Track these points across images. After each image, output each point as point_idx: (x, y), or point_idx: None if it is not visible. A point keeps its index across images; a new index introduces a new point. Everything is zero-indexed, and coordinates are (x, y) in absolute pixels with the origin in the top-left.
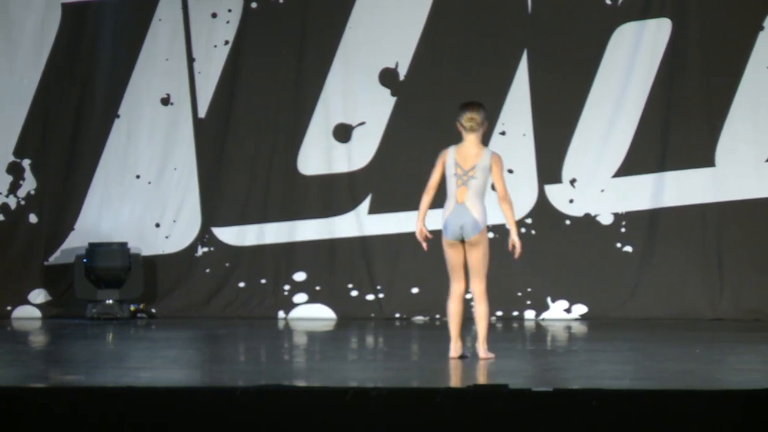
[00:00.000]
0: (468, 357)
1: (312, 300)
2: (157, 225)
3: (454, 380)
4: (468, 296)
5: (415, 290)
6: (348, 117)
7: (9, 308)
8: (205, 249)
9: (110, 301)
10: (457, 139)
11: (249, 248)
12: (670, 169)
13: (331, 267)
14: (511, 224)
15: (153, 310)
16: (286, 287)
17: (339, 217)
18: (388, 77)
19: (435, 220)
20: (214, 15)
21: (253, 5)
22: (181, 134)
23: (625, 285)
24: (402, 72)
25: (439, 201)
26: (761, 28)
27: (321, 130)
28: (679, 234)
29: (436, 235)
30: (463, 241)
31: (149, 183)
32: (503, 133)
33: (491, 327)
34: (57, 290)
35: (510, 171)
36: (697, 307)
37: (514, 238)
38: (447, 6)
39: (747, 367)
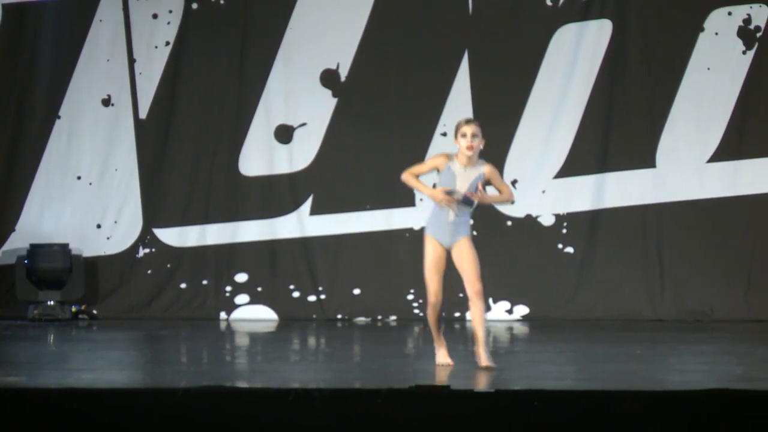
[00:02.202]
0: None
1: (254, 301)
2: (99, 226)
3: (397, 381)
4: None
5: (356, 291)
6: (289, 118)
7: None
8: (147, 250)
9: (51, 303)
10: (396, 139)
11: (190, 249)
12: (611, 170)
13: (272, 268)
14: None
15: (94, 312)
16: (228, 288)
17: (280, 218)
18: (329, 78)
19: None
20: (154, 16)
21: (194, 6)
22: (122, 135)
23: (567, 286)
24: (343, 73)
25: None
26: (701, 29)
27: (262, 131)
28: (620, 235)
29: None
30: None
31: (90, 184)
32: (444, 134)
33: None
34: None
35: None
36: (638, 307)
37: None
38: (388, 7)
39: (688, 368)
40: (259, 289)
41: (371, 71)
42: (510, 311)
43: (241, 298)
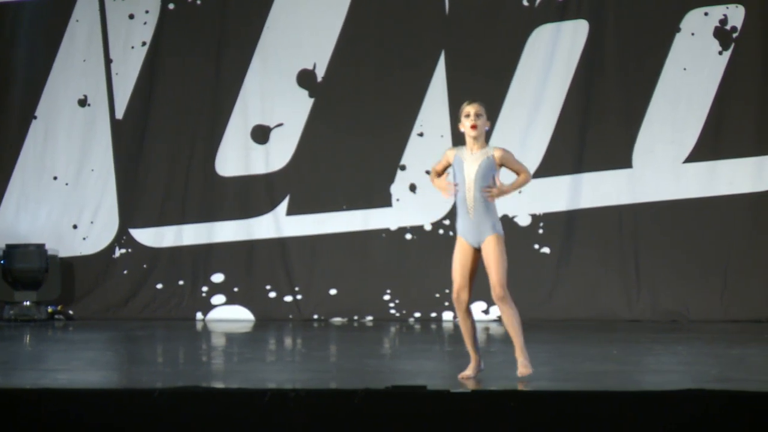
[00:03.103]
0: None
1: (230, 301)
2: (75, 226)
3: (373, 381)
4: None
5: (333, 291)
6: (266, 118)
7: None
8: (123, 250)
9: (27, 303)
10: (372, 139)
11: (167, 250)
12: (587, 171)
13: (249, 268)
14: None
15: (70, 312)
16: (204, 289)
17: (257, 219)
18: (306, 78)
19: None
20: (131, 16)
21: (171, 6)
22: (99, 135)
23: (543, 286)
24: (320, 73)
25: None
26: (678, 29)
27: (239, 131)
28: (597, 235)
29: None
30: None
31: (67, 184)
32: (421, 135)
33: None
34: None
35: (428, 172)
36: (614, 308)
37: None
38: (365, 8)
39: (664, 368)
40: (236, 289)
41: (348, 71)
42: (486, 311)
43: (218, 299)
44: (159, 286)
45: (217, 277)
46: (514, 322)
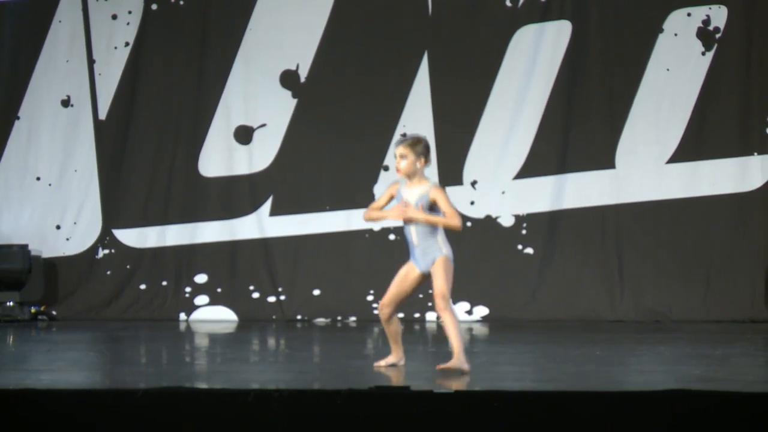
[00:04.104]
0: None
1: (213, 302)
2: (58, 227)
3: (356, 382)
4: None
5: (316, 292)
6: (249, 119)
7: None
8: (106, 251)
9: (11, 303)
10: (355, 139)
11: (150, 250)
12: (570, 171)
13: (232, 269)
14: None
15: (54, 312)
16: (188, 289)
17: (240, 219)
18: (289, 79)
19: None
20: (114, 17)
21: (153, 7)
22: (82, 136)
23: (526, 287)
24: (303, 74)
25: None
26: (661, 30)
27: (222, 132)
28: (580, 236)
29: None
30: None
31: (50, 185)
32: (404, 135)
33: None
34: None
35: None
36: (598, 308)
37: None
38: (348, 8)
39: (647, 368)
40: (219, 290)
41: (331, 72)
42: (470, 312)
43: (201, 299)
44: (142, 286)
45: (201, 278)
46: (454, 329)
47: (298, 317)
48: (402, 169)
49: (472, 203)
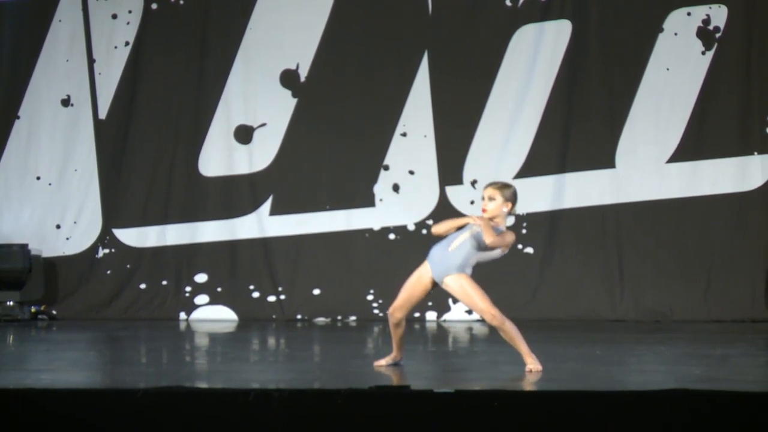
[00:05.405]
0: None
1: (213, 301)
2: (58, 226)
3: (356, 381)
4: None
5: (316, 291)
6: (249, 118)
7: None
8: (106, 250)
9: (11, 303)
10: (355, 139)
11: (150, 250)
12: (570, 171)
13: (232, 268)
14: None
15: (54, 312)
16: (188, 289)
17: (240, 219)
18: (289, 79)
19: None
20: (114, 16)
21: (153, 6)
22: (82, 135)
23: (527, 286)
24: (303, 73)
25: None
26: (661, 29)
27: (222, 131)
28: (580, 235)
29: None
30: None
31: (50, 184)
32: (404, 135)
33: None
34: None
35: (411, 172)
36: (598, 308)
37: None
38: (348, 8)
39: (647, 368)
40: (219, 289)
41: (331, 72)
42: (470, 311)
43: (201, 299)
44: (142, 286)
45: (201, 277)
46: (516, 337)
47: (298, 317)
48: (489, 210)
49: (472, 203)
